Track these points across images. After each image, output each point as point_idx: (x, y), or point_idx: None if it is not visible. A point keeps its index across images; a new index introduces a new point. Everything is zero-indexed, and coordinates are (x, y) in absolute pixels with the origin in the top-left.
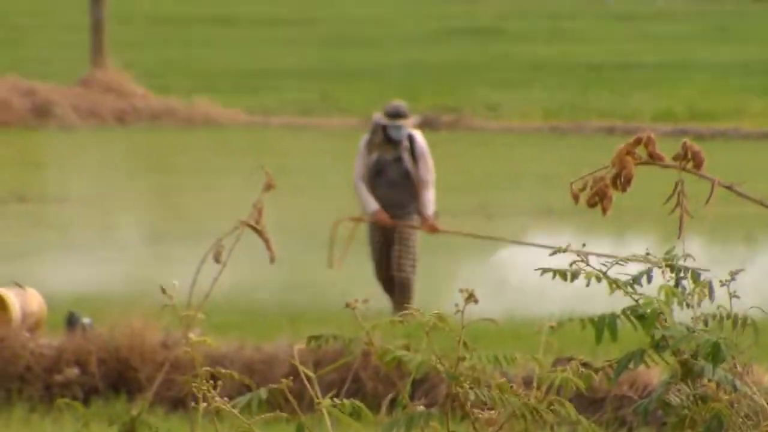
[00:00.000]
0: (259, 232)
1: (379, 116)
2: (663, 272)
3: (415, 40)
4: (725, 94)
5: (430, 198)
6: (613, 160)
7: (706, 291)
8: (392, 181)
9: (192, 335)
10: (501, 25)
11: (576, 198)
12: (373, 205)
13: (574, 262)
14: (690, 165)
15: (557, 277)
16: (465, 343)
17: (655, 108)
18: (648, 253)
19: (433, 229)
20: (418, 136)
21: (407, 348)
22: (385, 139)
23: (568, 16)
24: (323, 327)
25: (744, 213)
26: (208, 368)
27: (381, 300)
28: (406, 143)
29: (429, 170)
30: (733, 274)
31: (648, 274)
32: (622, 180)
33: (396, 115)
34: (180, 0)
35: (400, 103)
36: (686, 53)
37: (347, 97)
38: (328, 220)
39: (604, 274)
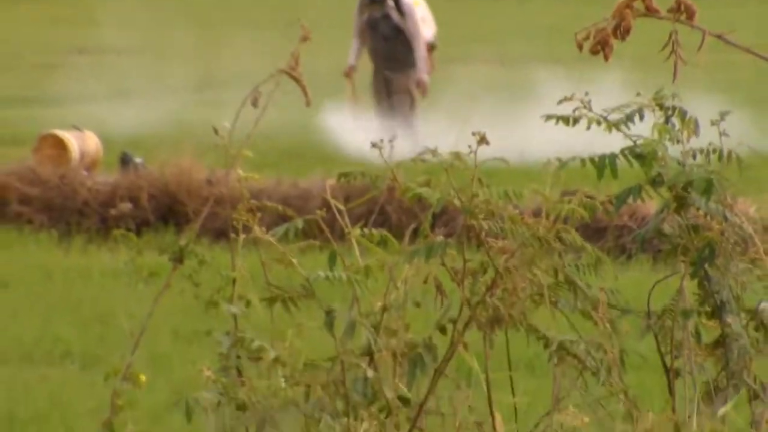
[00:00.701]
0: (296, 79)
1: None
2: (654, 111)
3: None
4: None
5: (420, 56)
6: (613, 12)
7: (693, 128)
8: (385, 36)
9: (239, 171)
10: None
11: (580, 46)
12: (350, 60)
13: (577, 108)
14: (683, 17)
15: (560, 122)
16: (480, 180)
17: None
18: (638, 94)
19: (422, 89)
20: None
21: (427, 184)
22: None
23: None
24: (353, 166)
25: (732, 59)
26: (253, 201)
27: (407, 143)
28: (390, 1)
29: (416, 25)
30: (723, 114)
31: (640, 113)
32: (621, 30)
33: None
34: None
35: None
36: None
37: None
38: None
39: (604, 117)
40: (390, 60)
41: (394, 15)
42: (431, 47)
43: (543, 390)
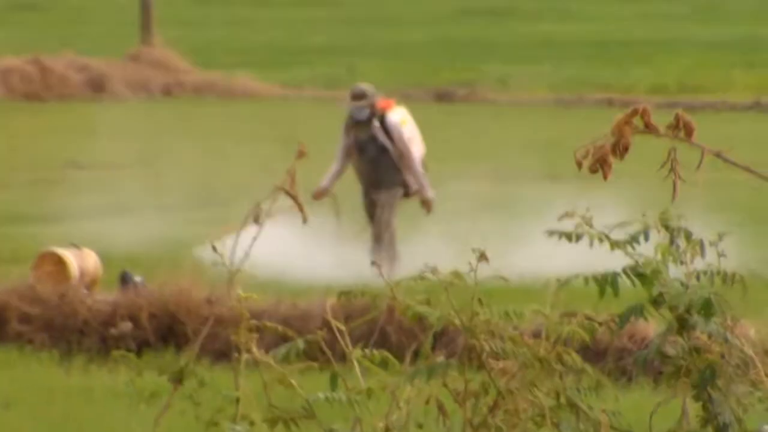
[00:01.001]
0: (293, 197)
1: (347, 99)
2: (659, 232)
3: (433, 20)
4: (713, 69)
5: (418, 175)
6: (612, 129)
7: (698, 248)
8: (371, 158)
9: (238, 292)
10: (513, 5)
11: (579, 165)
12: (324, 182)
13: (579, 225)
14: (682, 134)
15: (563, 238)
16: (480, 299)
17: (650, 82)
18: (644, 215)
19: (428, 207)
20: (393, 114)
21: (427, 303)
22: (353, 120)
23: None
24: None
25: (731, 179)
26: (254, 321)
27: (406, 262)
28: (376, 122)
29: (404, 145)
30: (721, 235)
31: (645, 233)
32: (620, 148)
33: (355, 96)
34: None
35: (362, 86)
36: (678, 31)
37: (372, 71)
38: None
39: (606, 235)
40: (377, 181)
41: (380, 136)
42: (424, 167)
43: None
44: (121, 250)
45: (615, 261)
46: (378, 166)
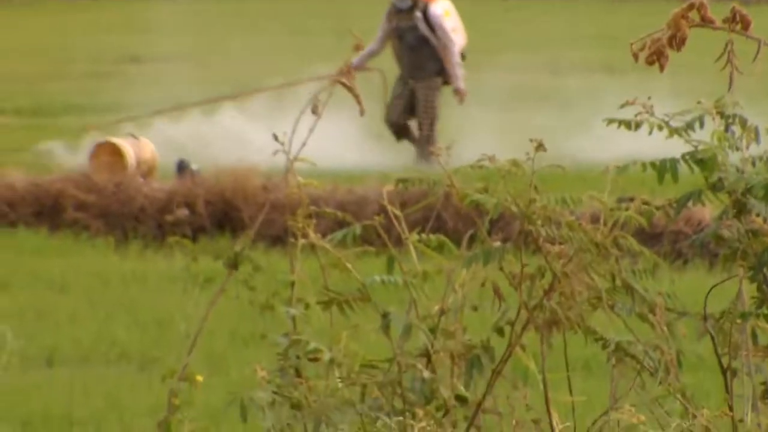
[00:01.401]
0: (350, 89)
1: None
2: (714, 119)
3: None
4: None
5: (455, 66)
6: (669, 22)
7: (753, 135)
8: (411, 45)
9: (297, 178)
10: None
11: (636, 57)
12: (355, 60)
13: (639, 113)
14: (738, 27)
15: (622, 126)
16: (536, 186)
17: None
18: (699, 102)
19: (460, 98)
20: (436, 5)
21: (485, 190)
22: (394, 8)
23: None
24: (407, 172)
25: None
26: (312, 207)
27: (464, 152)
28: (418, 13)
29: (446, 36)
30: None
31: (700, 120)
32: (677, 41)
33: None
34: None
35: None
36: None
37: None
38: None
39: (666, 122)
40: (415, 69)
41: (422, 26)
42: (462, 57)
43: (600, 390)
44: (179, 140)
45: (672, 149)
46: (417, 55)
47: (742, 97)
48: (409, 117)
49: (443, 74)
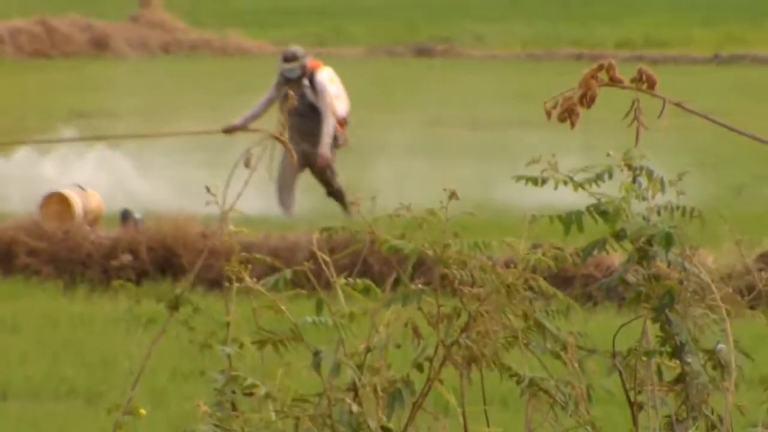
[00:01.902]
0: (284, 142)
1: (279, 60)
2: (622, 171)
3: None
4: (675, 26)
5: (327, 131)
6: (580, 82)
7: (659, 185)
8: (300, 112)
9: (230, 227)
10: None
11: (549, 114)
12: (238, 120)
13: (545, 169)
14: (645, 86)
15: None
16: (456, 233)
17: (615, 37)
18: (608, 155)
19: (322, 163)
20: (320, 74)
21: (402, 237)
22: (284, 78)
23: None
24: (337, 222)
25: (690, 124)
26: (244, 253)
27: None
28: (305, 81)
29: (326, 103)
30: (681, 175)
31: (609, 172)
32: (587, 99)
33: (287, 59)
34: None
35: (293, 48)
36: None
37: (356, 30)
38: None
39: (570, 177)
40: (306, 134)
41: (309, 93)
42: (344, 122)
43: (516, 422)
44: (122, 191)
45: (582, 198)
46: (307, 121)
47: (649, 150)
48: (298, 175)
49: (333, 137)
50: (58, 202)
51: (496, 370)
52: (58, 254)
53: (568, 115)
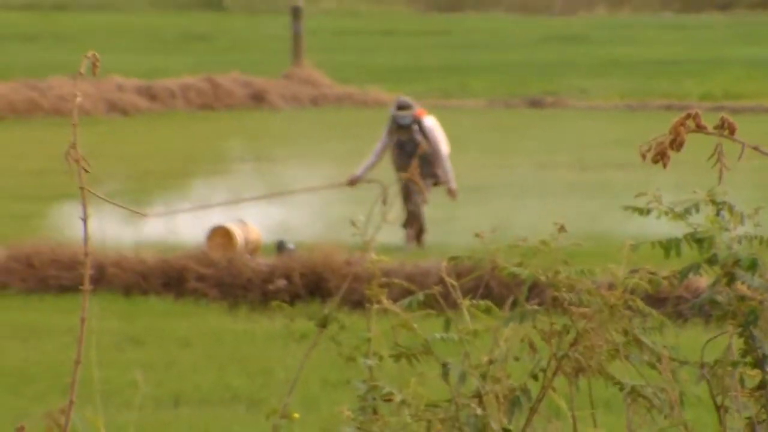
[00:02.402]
0: (416, 182)
1: (392, 108)
2: (707, 205)
3: (526, 44)
4: (752, 80)
5: (447, 170)
6: (670, 129)
7: (739, 218)
8: (409, 154)
9: (372, 255)
10: (588, 33)
11: (644, 156)
12: (359, 172)
13: (649, 202)
14: (726, 132)
15: (636, 212)
16: (566, 261)
17: (700, 91)
18: (695, 192)
19: (452, 196)
20: (427, 119)
21: (520, 265)
22: (397, 125)
23: (637, 26)
24: (462, 251)
25: (766, 165)
26: (384, 278)
27: (504, 231)
28: (415, 126)
29: (437, 145)
30: (757, 209)
31: (696, 206)
32: (677, 144)
33: (401, 107)
34: (355, 17)
35: (405, 98)
36: (721, 51)
37: (477, 85)
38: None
39: (671, 209)
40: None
41: (418, 137)
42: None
43: (619, 424)
44: (278, 225)
45: (672, 229)
46: (413, 162)
47: (730, 188)
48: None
49: (435, 176)
50: (222, 234)
51: (601, 379)
52: (223, 279)
53: (660, 157)
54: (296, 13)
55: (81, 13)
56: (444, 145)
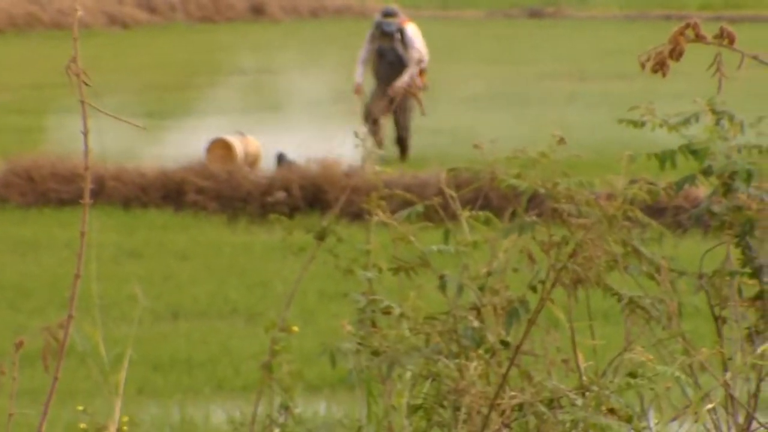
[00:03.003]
0: (413, 95)
1: (377, 15)
2: (706, 115)
3: None
4: None
5: (409, 73)
6: (669, 39)
7: (738, 128)
8: (390, 62)
9: (373, 166)
10: None
11: (643, 66)
12: (358, 80)
13: (644, 114)
14: (726, 42)
15: (630, 126)
16: (564, 172)
17: (699, 0)
18: (695, 101)
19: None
20: (409, 28)
21: (518, 176)
22: (381, 31)
23: None
24: (462, 162)
25: (766, 74)
26: (386, 189)
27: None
28: (398, 35)
29: (414, 54)
30: (760, 118)
31: (696, 116)
32: (676, 53)
33: (387, 14)
34: None
35: (392, 6)
36: None
37: None
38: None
39: (665, 121)
40: (391, 82)
41: (399, 47)
42: (424, 71)
43: (616, 335)
44: (277, 137)
45: (672, 140)
46: (395, 70)
47: (730, 97)
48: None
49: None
50: (222, 146)
51: (599, 290)
52: (222, 192)
53: (659, 67)
54: None
55: None
56: (420, 53)
